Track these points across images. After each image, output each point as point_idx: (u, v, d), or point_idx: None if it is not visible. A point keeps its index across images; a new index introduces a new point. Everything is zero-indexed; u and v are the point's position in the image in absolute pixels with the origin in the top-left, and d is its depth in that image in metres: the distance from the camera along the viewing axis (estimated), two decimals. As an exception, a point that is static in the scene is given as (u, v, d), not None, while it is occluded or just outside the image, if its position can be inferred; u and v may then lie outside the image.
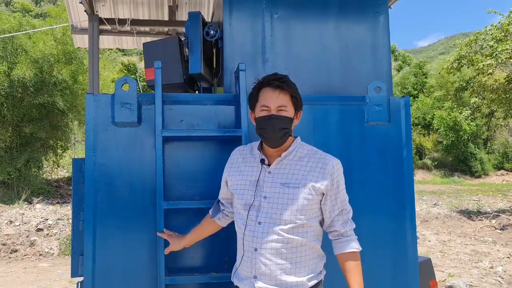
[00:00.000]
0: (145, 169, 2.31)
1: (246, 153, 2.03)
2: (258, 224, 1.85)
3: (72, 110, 15.42)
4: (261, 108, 1.87)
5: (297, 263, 1.86)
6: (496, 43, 12.26)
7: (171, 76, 2.82)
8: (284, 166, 1.91)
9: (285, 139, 1.87)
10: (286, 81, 1.89)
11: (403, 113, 2.54)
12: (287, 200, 1.84)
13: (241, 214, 1.93)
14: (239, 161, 2.03)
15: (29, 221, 9.99)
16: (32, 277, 6.80)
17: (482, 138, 31.27)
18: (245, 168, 1.98)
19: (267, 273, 1.82)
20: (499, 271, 6.94)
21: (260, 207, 1.87)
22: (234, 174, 2.00)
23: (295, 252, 1.85)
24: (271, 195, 1.86)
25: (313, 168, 1.89)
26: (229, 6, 2.66)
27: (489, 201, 15.47)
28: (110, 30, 5.76)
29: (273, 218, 1.84)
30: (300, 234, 1.86)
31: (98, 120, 2.29)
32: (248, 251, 1.87)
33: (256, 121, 1.90)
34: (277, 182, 1.87)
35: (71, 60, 15.05)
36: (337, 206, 1.92)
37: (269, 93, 1.87)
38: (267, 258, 1.82)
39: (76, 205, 2.37)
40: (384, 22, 2.80)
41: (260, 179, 1.90)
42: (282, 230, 1.82)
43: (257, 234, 1.84)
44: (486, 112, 25.93)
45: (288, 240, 1.83)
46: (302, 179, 1.87)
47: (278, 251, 1.82)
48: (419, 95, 36.78)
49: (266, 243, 1.82)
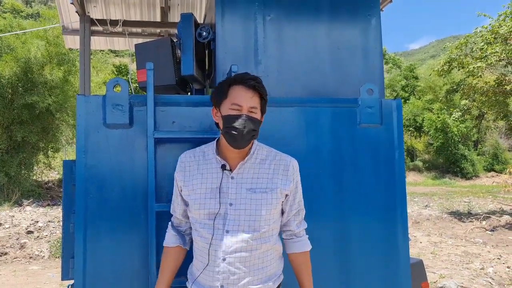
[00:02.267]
0: (136, 171, 2.29)
1: (199, 159, 1.90)
2: (226, 232, 1.77)
3: (62, 111, 15.30)
4: (231, 106, 1.76)
5: (264, 269, 1.83)
6: (486, 45, 12.38)
7: (163, 78, 2.81)
8: (246, 170, 1.84)
9: (251, 141, 1.81)
10: (260, 82, 1.82)
11: (395, 115, 2.56)
12: (255, 206, 1.78)
13: (204, 224, 1.82)
14: (193, 167, 1.89)
15: (19, 224, 9.88)
16: (22, 280, 6.73)
17: (472, 140, 31.54)
18: (202, 175, 1.86)
19: (236, 282, 1.76)
20: (490, 272, 7.00)
21: (227, 215, 1.78)
22: (190, 182, 1.87)
23: (261, 257, 1.82)
24: (237, 201, 1.79)
25: (276, 171, 1.86)
26: (222, 7, 2.66)
27: (479, 203, 15.60)
28: (101, 31, 5.73)
29: (241, 226, 1.77)
30: (267, 239, 1.83)
31: (89, 121, 2.27)
32: (214, 261, 1.78)
33: (225, 119, 1.77)
34: (243, 188, 1.80)
35: (63, 62, 14.94)
36: (295, 207, 1.93)
37: (242, 92, 1.77)
38: (236, 267, 1.76)
39: (67, 207, 2.35)
40: (376, 25, 2.81)
41: (222, 185, 1.81)
42: (251, 237, 1.77)
43: (227, 243, 1.76)
44: (476, 114, 26.19)
45: (256, 247, 1.79)
46: (268, 183, 1.83)
47: (246, 259, 1.77)
48: (410, 97, 37.05)
49: (235, 252, 1.76)
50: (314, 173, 2.44)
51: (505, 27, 11.90)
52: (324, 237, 2.43)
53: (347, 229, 2.46)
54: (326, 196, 2.45)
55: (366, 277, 2.44)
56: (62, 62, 14.98)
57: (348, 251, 2.44)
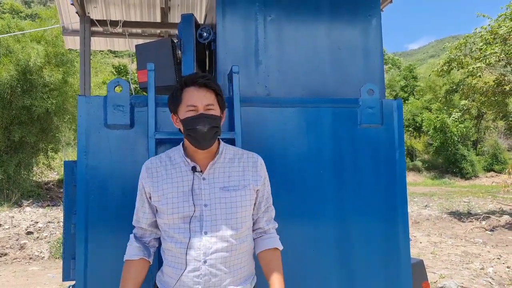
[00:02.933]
0: (137, 172, 2.27)
1: (166, 163, 1.87)
2: (205, 234, 1.74)
3: (62, 112, 15.29)
4: (187, 109, 1.76)
5: (242, 269, 1.82)
6: (485, 45, 12.40)
7: (164, 78, 2.81)
8: (217, 170, 1.83)
9: (215, 138, 1.80)
10: (210, 79, 1.82)
11: (396, 115, 2.56)
12: (230, 204, 1.79)
13: (179, 228, 1.77)
14: (160, 173, 1.84)
15: (18, 224, 9.88)
16: (22, 281, 6.73)
17: (471, 140, 31.57)
18: (172, 179, 1.82)
19: (218, 284, 1.74)
20: (490, 272, 7.01)
21: (202, 216, 1.76)
22: (159, 187, 1.81)
23: (240, 257, 1.81)
24: (212, 201, 1.78)
25: (246, 168, 1.87)
26: (222, 8, 2.66)
27: (479, 203, 15.62)
28: (101, 31, 5.72)
29: (219, 225, 1.76)
30: (244, 238, 1.83)
31: (90, 122, 2.27)
32: (193, 265, 1.73)
33: (184, 122, 1.76)
34: (215, 188, 1.80)
35: (61, 63, 14.93)
36: (264, 204, 1.93)
37: (194, 92, 1.77)
38: (217, 268, 1.74)
39: (68, 208, 2.35)
40: (376, 25, 2.82)
41: (194, 187, 1.78)
42: (230, 236, 1.77)
43: (206, 245, 1.73)
44: (475, 114, 26.20)
45: (236, 247, 1.78)
46: (240, 180, 1.84)
47: (227, 259, 1.76)
48: (409, 97, 37.08)
49: (215, 252, 1.74)
50: (315, 173, 2.44)
51: (504, 27, 11.92)
52: (325, 237, 2.43)
53: (348, 229, 2.46)
54: (327, 197, 2.45)
55: (367, 277, 2.44)
56: (61, 63, 14.96)
57: (349, 251, 2.44)
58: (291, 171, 2.42)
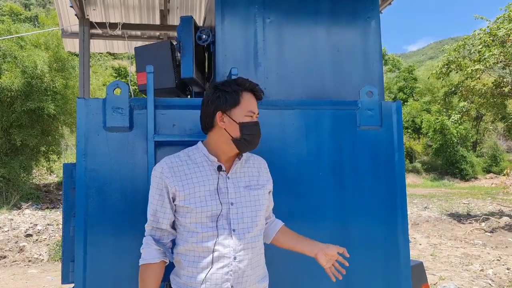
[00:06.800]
0: (137, 174, 2.29)
1: (187, 162, 1.86)
2: (233, 231, 1.78)
3: (62, 114, 15.29)
4: (247, 114, 1.82)
5: (261, 265, 1.91)
6: (484, 47, 12.43)
7: (163, 81, 2.81)
8: (238, 170, 1.90)
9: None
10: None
11: (395, 117, 2.56)
12: (254, 203, 1.86)
13: (206, 227, 1.78)
14: (184, 172, 1.83)
15: (18, 227, 9.85)
16: (21, 283, 6.71)
17: (471, 142, 31.60)
18: (197, 178, 1.82)
19: (245, 280, 1.78)
20: (490, 274, 7.00)
21: (229, 214, 1.79)
22: (184, 185, 1.80)
23: (259, 253, 1.89)
24: (238, 200, 1.83)
25: (259, 169, 1.97)
26: (221, 10, 2.67)
27: (478, 204, 15.63)
28: (101, 34, 5.72)
29: (245, 223, 1.82)
30: (261, 235, 1.93)
31: (90, 125, 2.27)
32: (222, 262, 1.75)
33: (243, 126, 1.80)
34: (240, 186, 1.85)
35: (63, 67, 14.96)
36: (271, 199, 2.05)
37: (252, 100, 1.86)
38: (245, 265, 1.78)
39: (67, 211, 2.34)
40: (375, 27, 2.82)
41: (220, 186, 1.81)
42: (255, 234, 1.85)
43: (236, 242, 1.77)
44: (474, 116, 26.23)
45: (257, 244, 1.86)
46: (259, 180, 1.93)
47: (251, 256, 1.82)
48: (408, 99, 37.11)
49: (244, 249, 1.79)
50: (314, 175, 2.44)
51: (503, 29, 11.94)
52: (324, 239, 2.42)
53: (347, 231, 2.46)
54: (326, 199, 2.45)
55: (366, 280, 2.44)
56: (63, 68, 15.00)
57: (348, 253, 2.44)
58: (290, 173, 2.42)
